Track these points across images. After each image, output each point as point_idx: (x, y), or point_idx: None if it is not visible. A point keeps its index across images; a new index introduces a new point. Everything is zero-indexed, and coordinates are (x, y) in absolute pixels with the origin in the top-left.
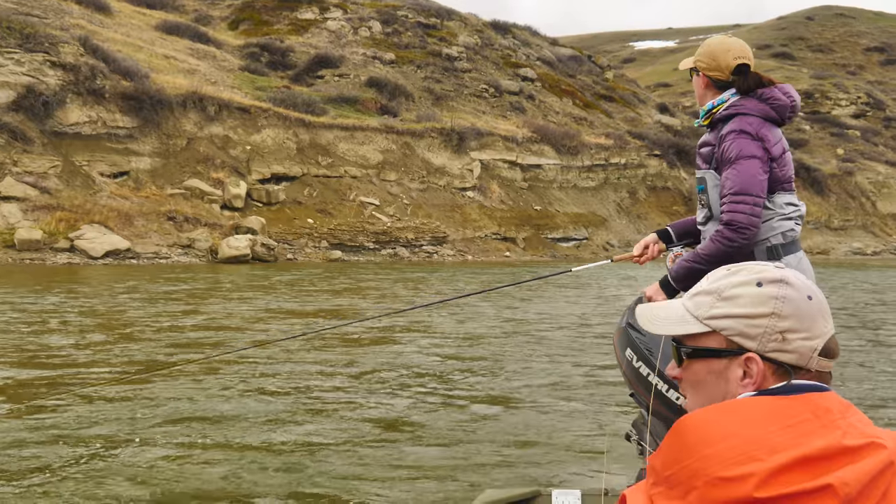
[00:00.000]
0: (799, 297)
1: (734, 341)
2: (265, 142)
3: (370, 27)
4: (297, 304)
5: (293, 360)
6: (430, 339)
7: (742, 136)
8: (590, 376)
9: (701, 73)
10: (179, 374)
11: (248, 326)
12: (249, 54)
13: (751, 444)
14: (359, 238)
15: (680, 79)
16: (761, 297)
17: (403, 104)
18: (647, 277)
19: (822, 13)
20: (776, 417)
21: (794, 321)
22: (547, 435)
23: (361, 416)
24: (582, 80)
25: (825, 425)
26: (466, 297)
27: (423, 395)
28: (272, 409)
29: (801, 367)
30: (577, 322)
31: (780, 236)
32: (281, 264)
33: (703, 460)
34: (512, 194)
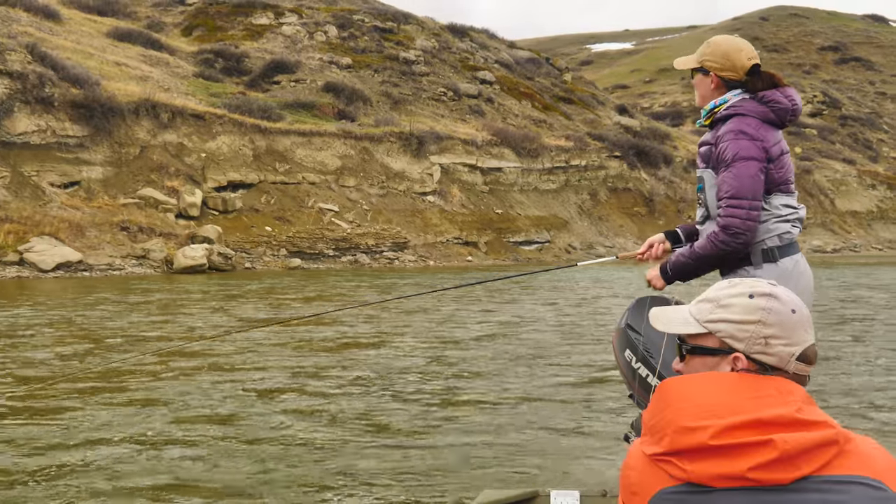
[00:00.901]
0: (784, 309)
1: (726, 342)
2: (220, 149)
3: (326, 32)
4: (277, 312)
5: (284, 360)
6: (415, 341)
7: (740, 137)
8: (587, 377)
9: (712, 72)
10: (170, 375)
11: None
12: (203, 60)
13: (716, 405)
14: (318, 245)
15: (637, 80)
16: (751, 307)
17: (361, 109)
18: (620, 279)
19: (776, 13)
20: (744, 389)
21: (777, 329)
22: (545, 435)
23: (356, 417)
24: (540, 82)
25: (785, 401)
26: (456, 289)
27: (418, 396)
28: (267, 409)
29: (779, 369)
30: (562, 322)
31: (776, 238)
32: (239, 273)
33: (675, 412)
34: (473, 198)
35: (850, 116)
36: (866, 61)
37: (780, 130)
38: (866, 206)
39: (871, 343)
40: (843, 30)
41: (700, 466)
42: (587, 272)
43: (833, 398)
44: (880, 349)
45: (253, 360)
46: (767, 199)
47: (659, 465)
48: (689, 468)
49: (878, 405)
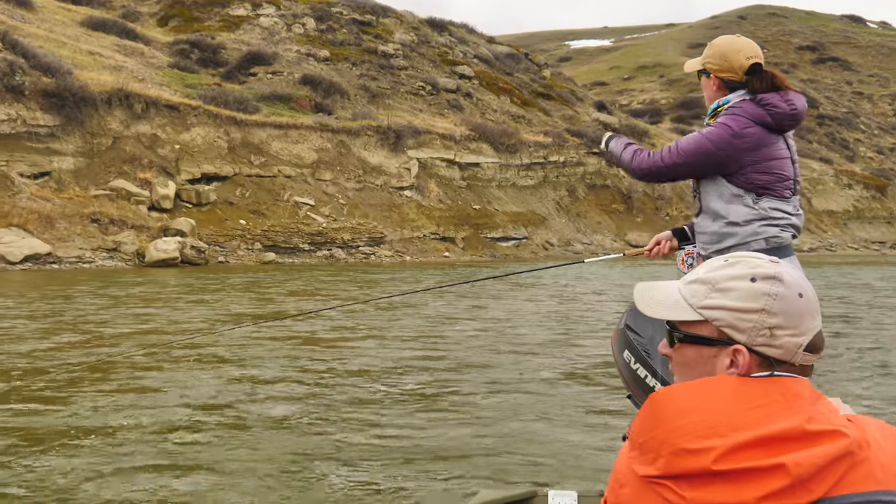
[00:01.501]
0: (790, 294)
1: (724, 332)
2: (195, 140)
3: (304, 24)
4: (271, 307)
5: (276, 360)
6: (407, 339)
7: (718, 126)
8: (585, 377)
9: (712, 74)
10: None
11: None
12: (179, 51)
13: (716, 421)
14: (293, 239)
15: (616, 77)
16: (754, 292)
17: (339, 102)
18: (602, 276)
19: (754, 12)
20: (746, 397)
21: (784, 318)
22: (543, 435)
23: (352, 416)
24: (519, 77)
25: (791, 408)
26: (448, 287)
27: (413, 395)
28: (262, 408)
29: (785, 362)
30: (553, 319)
31: (762, 242)
32: (212, 267)
33: (671, 431)
34: (450, 193)
35: (827, 116)
36: (844, 61)
37: (781, 135)
38: (843, 205)
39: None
40: (821, 30)
41: (702, 494)
42: (570, 269)
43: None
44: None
45: (252, 355)
46: (756, 200)
47: (653, 489)
48: (690, 495)
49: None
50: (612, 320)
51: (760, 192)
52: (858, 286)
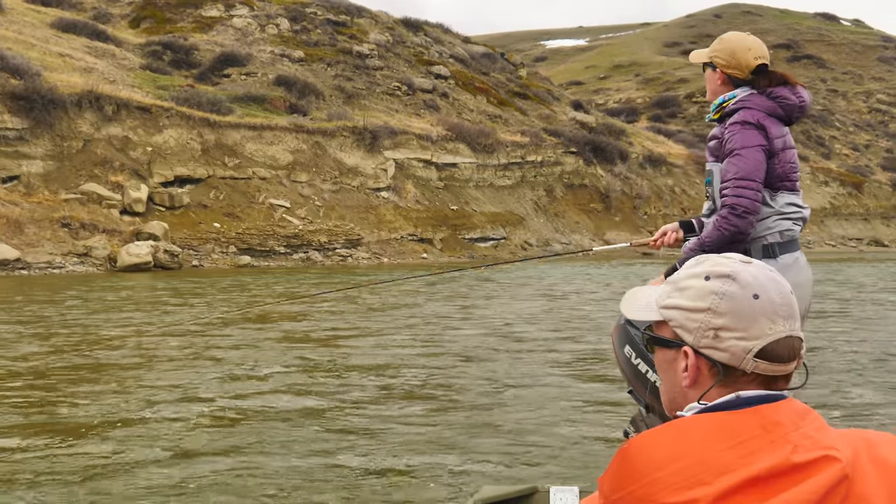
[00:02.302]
0: (742, 294)
1: (676, 333)
2: (167, 143)
3: (278, 24)
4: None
5: (268, 358)
6: (403, 336)
7: (745, 128)
8: (586, 372)
9: (718, 69)
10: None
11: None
12: (151, 53)
13: (697, 467)
14: (269, 242)
15: (592, 77)
16: (703, 291)
17: (314, 103)
18: (587, 275)
19: (729, 11)
20: (723, 435)
21: (730, 319)
22: (544, 431)
23: (350, 413)
24: (496, 77)
25: (774, 441)
26: (487, 268)
27: (413, 391)
28: (258, 407)
29: (734, 367)
30: (550, 318)
31: (777, 235)
32: (186, 271)
33: (648, 486)
34: (428, 194)
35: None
36: (818, 59)
37: (787, 127)
38: (819, 202)
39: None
40: (795, 27)
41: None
42: (557, 267)
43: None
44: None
45: (256, 352)
46: (773, 195)
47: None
48: None
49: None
50: (599, 316)
51: (777, 186)
52: (851, 284)
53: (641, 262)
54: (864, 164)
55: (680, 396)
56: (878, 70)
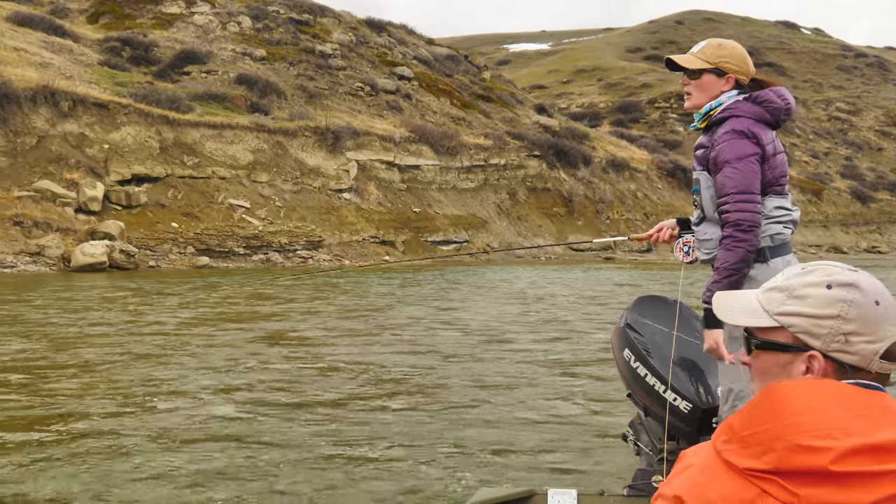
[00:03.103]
0: (866, 301)
1: (800, 338)
2: (125, 140)
3: (240, 22)
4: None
5: (263, 360)
6: (398, 338)
7: (737, 137)
8: (585, 376)
9: (730, 74)
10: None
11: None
12: (110, 49)
13: (831, 423)
14: (228, 243)
15: (555, 81)
16: (830, 299)
17: (275, 102)
18: (556, 279)
19: (690, 17)
20: (853, 405)
21: (859, 325)
22: (542, 434)
23: (348, 415)
24: (459, 79)
25: (891, 422)
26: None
27: (411, 394)
28: (257, 408)
29: (861, 368)
30: (533, 320)
31: (768, 239)
32: (143, 272)
33: (787, 427)
34: (390, 196)
35: None
36: (779, 66)
37: (774, 130)
38: None
39: None
40: (757, 35)
41: (815, 493)
42: (524, 274)
43: None
44: None
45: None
46: (763, 200)
47: (754, 482)
48: (802, 493)
49: None
50: (573, 319)
51: (767, 191)
52: None
53: (606, 267)
54: (823, 172)
55: None
56: (837, 79)
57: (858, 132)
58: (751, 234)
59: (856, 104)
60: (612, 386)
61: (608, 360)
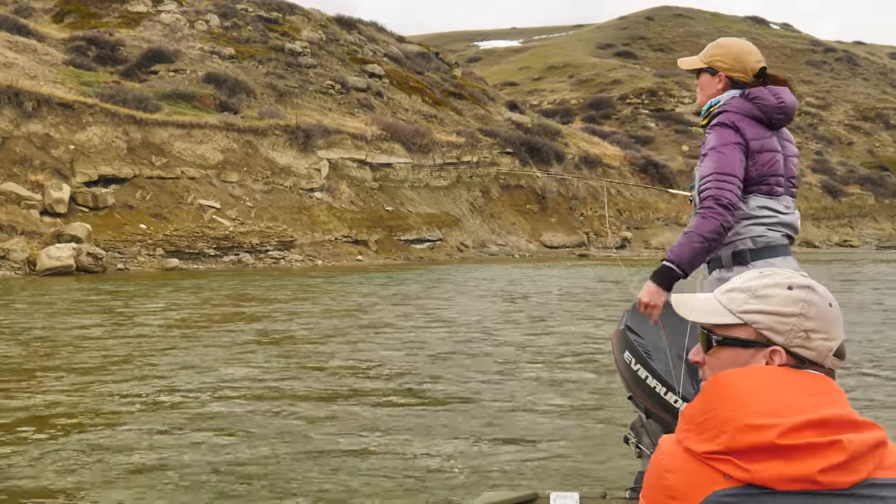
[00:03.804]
0: (822, 302)
1: (763, 334)
2: (91, 141)
3: (207, 21)
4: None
5: (257, 364)
6: (394, 339)
7: (721, 128)
8: (585, 378)
9: (721, 73)
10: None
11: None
12: (75, 48)
13: (777, 403)
14: (198, 244)
15: (526, 78)
16: (792, 298)
17: (245, 101)
18: (534, 277)
19: (661, 13)
20: (799, 386)
21: (818, 322)
22: (544, 438)
23: (348, 418)
24: (430, 77)
25: (836, 401)
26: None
27: (410, 397)
28: (257, 409)
29: (817, 364)
30: (520, 320)
31: (748, 241)
32: (110, 275)
33: (735, 409)
34: (362, 195)
35: None
36: None
37: (771, 130)
38: None
39: None
40: (726, 31)
41: (765, 467)
42: (503, 273)
43: None
44: None
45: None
46: (745, 199)
47: (711, 465)
48: (753, 468)
49: None
50: (565, 317)
51: (750, 189)
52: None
53: (581, 264)
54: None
55: None
56: (806, 73)
57: (828, 127)
58: (728, 212)
59: (825, 99)
60: (613, 388)
61: (606, 361)
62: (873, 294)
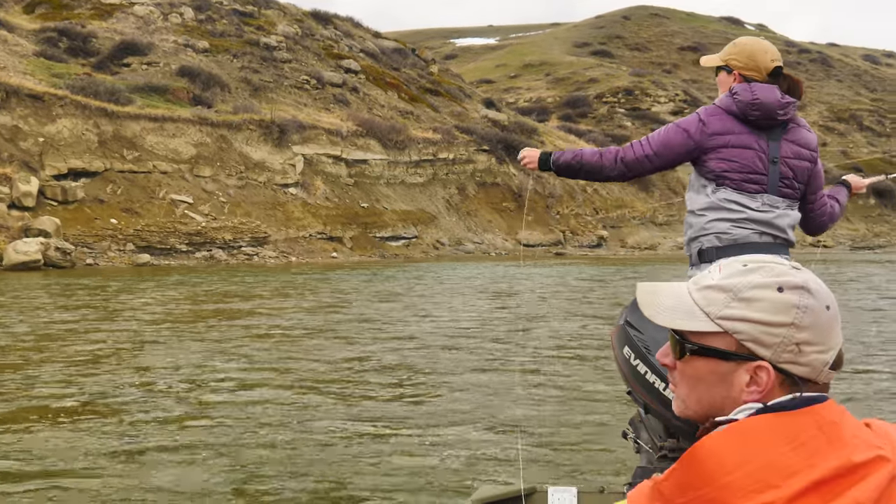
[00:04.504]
0: (819, 306)
1: (746, 346)
2: (61, 133)
3: (182, 13)
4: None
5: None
6: (393, 335)
7: (693, 115)
8: (586, 373)
9: (735, 71)
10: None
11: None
12: (46, 39)
13: (766, 470)
14: (169, 240)
15: (502, 76)
16: (782, 304)
17: (219, 95)
18: (515, 276)
19: (637, 13)
20: (785, 437)
21: (812, 333)
22: (543, 432)
23: (350, 413)
24: (407, 73)
25: (831, 441)
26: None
27: (411, 391)
28: (258, 404)
29: (810, 380)
30: (510, 317)
31: (713, 238)
32: (79, 270)
33: (721, 489)
34: (337, 191)
35: None
36: None
37: (750, 125)
38: None
39: None
40: (702, 31)
41: None
42: (487, 271)
43: None
44: None
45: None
46: (715, 190)
47: None
48: None
49: None
50: (556, 315)
51: (719, 181)
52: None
53: (559, 263)
54: None
55: (730, 406)
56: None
57: None
58: (616, 162)
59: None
60: (612, 383)
61: (604, 356)
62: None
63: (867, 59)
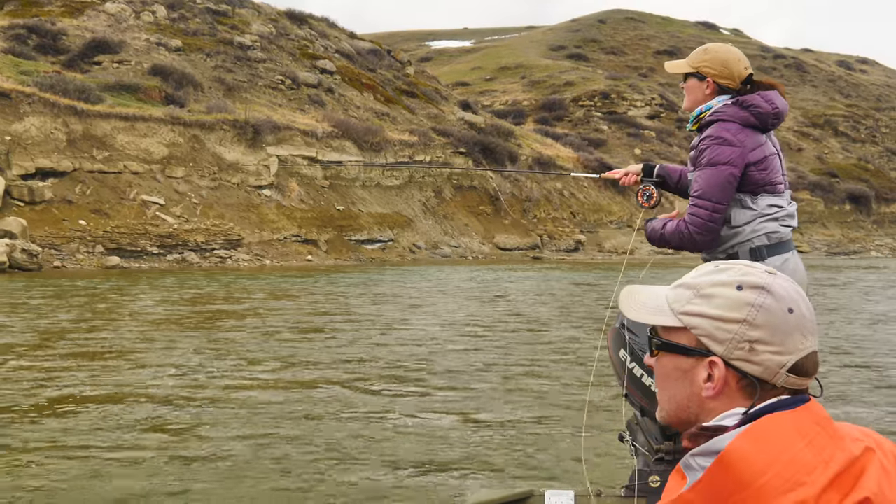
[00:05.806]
0: (778, 308)
1: (702, 342)
2: (29, 131)
3: (154, 12)
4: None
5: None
6: (391, 337)
7: (716, 143)
8: (582, 376)
9: (709, 78)
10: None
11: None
12: (15, 36)
13: (791, 468)
14: (140, 242)
15: (478, 78)
16: (737, 301)
17: (192, 94)
18: (499, 278)
19: (613, 16)
20: (797, 434)
21: (766, 332)
22: (540, 435)
23: (348, 414)
24: (382, 74)
25: (832, 436)
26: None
27: (405, 394)
28: (260, 402)
29: (766, 381)
30: (521, 319)
31: (763, 237)
32: (46, 273)
33: (757, 492)
34: (312, 193)
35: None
36: None
37: (765, 134)
38: None
39: None
40: (678, 35)
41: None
42: (477, 273)
43: None
44: None
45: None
46: (754, 199)
47: None
48: None
49: None
50: (535, 317)
51: (758, 190)
52: None
53: (537, 267)
54: None
55: (695, 405)
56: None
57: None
58: (694, 233)
59: None
60: (608, 386)
61: (599, 358)
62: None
63: (841, 64)
